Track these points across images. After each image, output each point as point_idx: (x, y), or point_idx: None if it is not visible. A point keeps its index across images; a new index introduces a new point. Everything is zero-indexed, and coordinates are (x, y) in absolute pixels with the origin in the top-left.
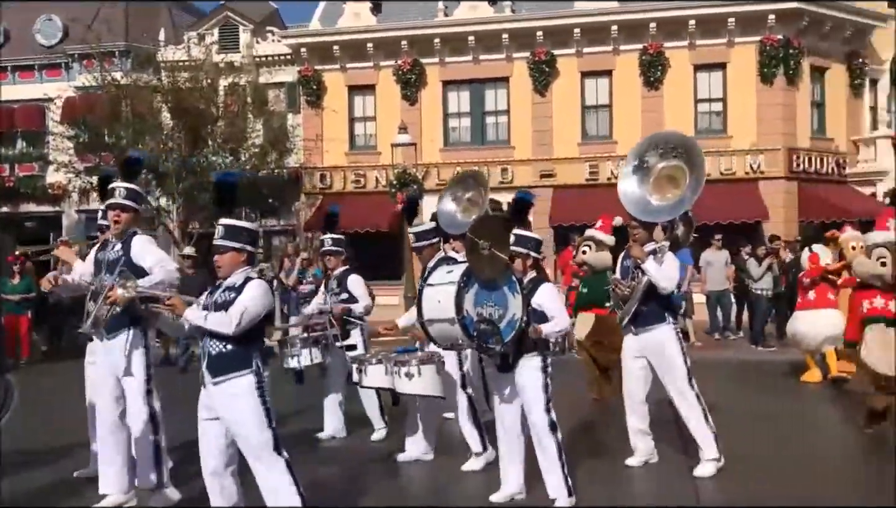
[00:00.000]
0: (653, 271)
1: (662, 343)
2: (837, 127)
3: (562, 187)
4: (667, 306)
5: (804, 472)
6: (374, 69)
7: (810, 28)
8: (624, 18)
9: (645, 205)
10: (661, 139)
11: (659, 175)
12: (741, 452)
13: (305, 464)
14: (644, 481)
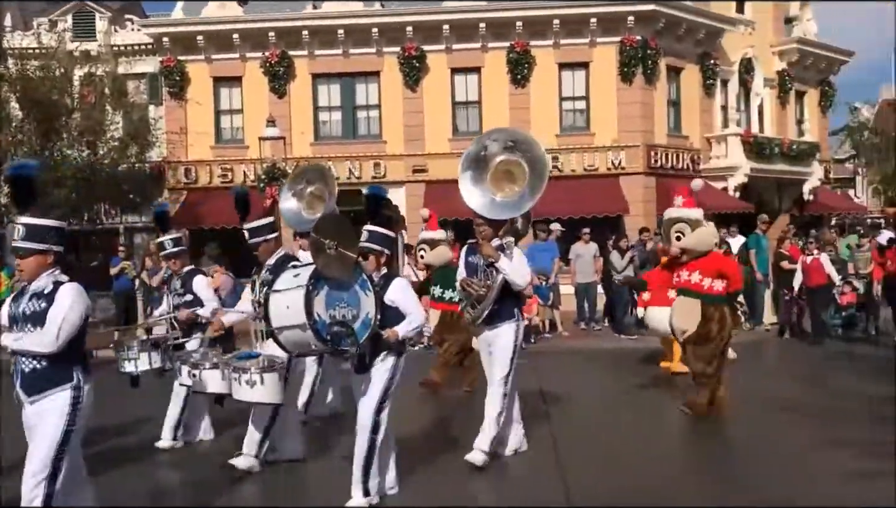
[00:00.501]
0: (508, 270)
1: (502, 339)
2: (692, 125)
3: (434, 183)
4: (517, 303)
5: (646, 458)
6: (241, 61)
7: (666, 30)
8: (491, 16)
9: (490, 202)
10: (499, 134)
11: (496, 170)
12: (608, 439)
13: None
14: (514, 471)
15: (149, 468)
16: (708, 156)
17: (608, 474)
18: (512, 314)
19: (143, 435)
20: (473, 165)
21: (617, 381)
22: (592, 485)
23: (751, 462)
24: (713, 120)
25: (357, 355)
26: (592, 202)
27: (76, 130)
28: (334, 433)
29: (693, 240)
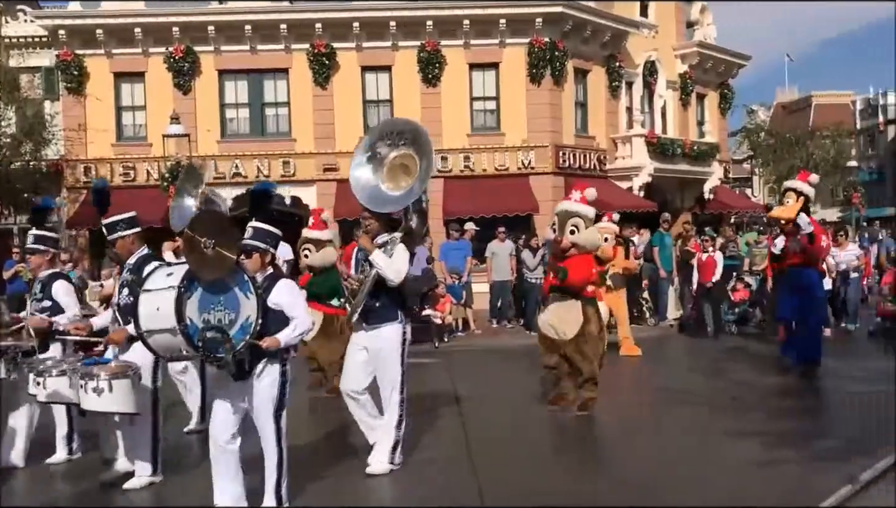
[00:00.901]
0: (381, 263)
1: (385, 342)
2: (598, 126)
3: (345, 182)
4: (401, 303)
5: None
6: (144, 56)
7: (573, 32)
8: (401, 15)
9: (377, 195)
10: (390, 128)
11: (392, 164)
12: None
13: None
14: (427, 472)
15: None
16: (614, 156)
17: (522, 473)
18: (394, 316)
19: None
20: (369, 157)
21: (529, 378)
22: (506, 485)
23: (659, 455)
24: (618, 121)
25: (235, 362)
26: (503, 201)
27: None
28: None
29: (586, 237)
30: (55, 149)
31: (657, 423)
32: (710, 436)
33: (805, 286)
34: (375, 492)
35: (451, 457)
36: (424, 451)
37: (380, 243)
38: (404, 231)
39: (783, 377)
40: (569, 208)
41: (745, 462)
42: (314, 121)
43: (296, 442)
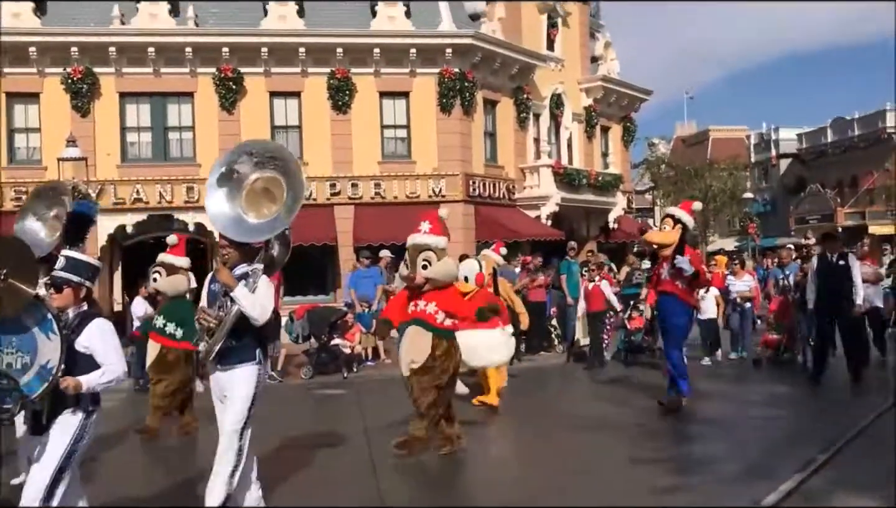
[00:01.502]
0: (244, 301)
1: (237, 382)
2: (507, 155)
3: None
4: (260, 342)
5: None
6: (39, 76)
7: (483, 63)
8: (311, 42)
9: (239, 223)
10: (258, 148)
11: (252, 188)
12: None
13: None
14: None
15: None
16: (522, 186)
17: (431, 501)
18: (252, 356)
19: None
20: (227, 180)
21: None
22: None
23: (562, 482)
24: (526, 151)
25: (31, 412)
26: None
27: None
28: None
29: (439, 270)
30: None
31: (559, 450)
32: (613, 463)
33: (664, 316)
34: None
35: (358, 482)
36: (332, 485)
37: (238, 274)
38: (265, 262)
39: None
40: (418, 240)
41: (650, 489)
42: (220, 146)
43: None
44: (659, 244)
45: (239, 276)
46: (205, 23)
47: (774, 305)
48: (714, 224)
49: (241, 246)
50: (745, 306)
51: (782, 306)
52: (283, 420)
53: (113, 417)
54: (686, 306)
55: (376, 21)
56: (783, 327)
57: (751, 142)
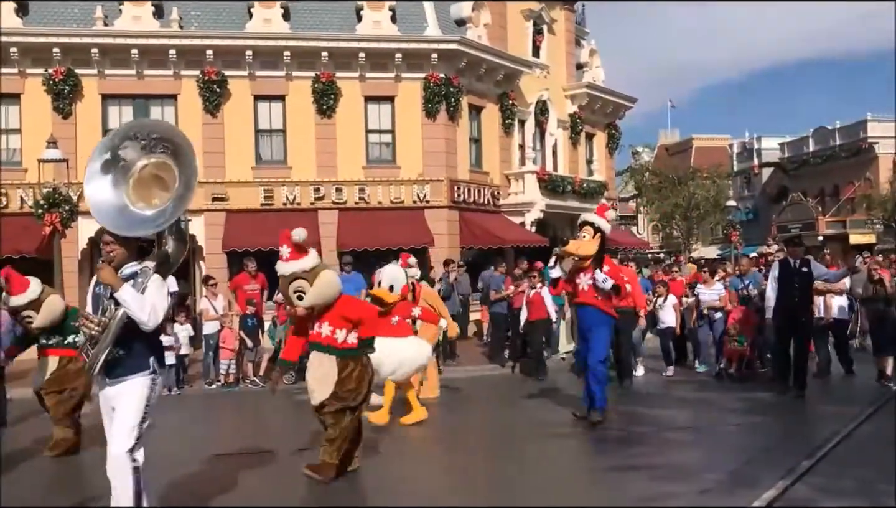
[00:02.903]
0: (131, 303)
1: (126, 395)
2: (492, 162)
3: (236, 211)
4: (153, 349)
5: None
6: (20, 77)
7: (468, 69)
8: (296, 45)
9: (123, 214)
10: (143, 129)
11: (141, 175)
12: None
13: None
14: None
15: None
16: (507, 192)
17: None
18: (144, 365)
19: None
20: (111, 167)
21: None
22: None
23: (547, 490)
24: (511, 158)
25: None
26: (399, 234)
27: None
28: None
29: (314, 296)
30: None
31: (537, 456)
32: (595, 472)
33: (586, 327)
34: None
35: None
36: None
37: (126, 274)
38: (159, 260)
39: (663, 411)
40: (284, 271)
41: (632, 498)
42: (203, 149)
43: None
44: (581, 256)
45: (127, 276)
46: (189, 25)
47: (736, 314)
48: (697, 232)
49: (127, 242)
50: (714, 315)
51: (744, 316)
52: (267, 425)
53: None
54: (607, 315)
55: (362, 25)
56: (745, 338)
57: (734, 151)
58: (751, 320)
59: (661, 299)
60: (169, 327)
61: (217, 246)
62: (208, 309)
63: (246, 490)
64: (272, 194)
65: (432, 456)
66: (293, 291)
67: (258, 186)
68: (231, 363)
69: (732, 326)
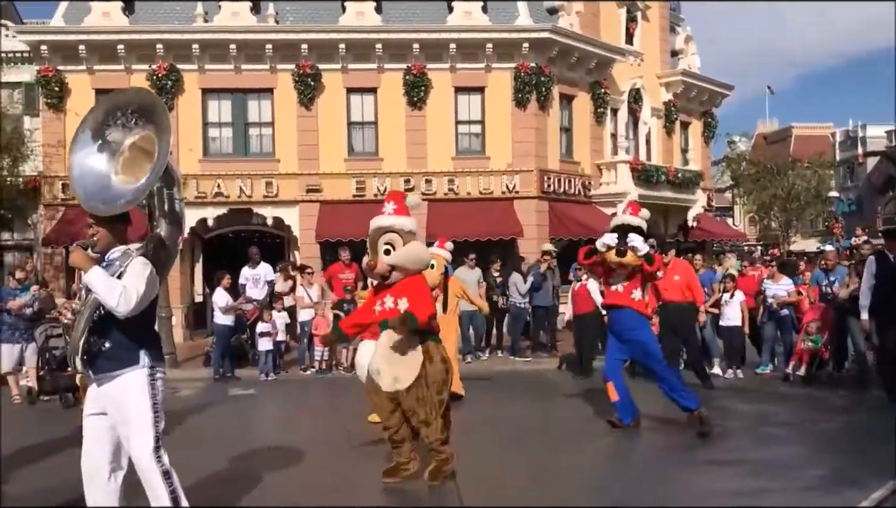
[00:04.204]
0: (97, 285)
1: (124, 394)
2: (583, 151)
3: (329, 203)
4: (143, 341)
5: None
6: (126, 72)
7: (559, 58)
8: (388, 38)
9: (102, 191)
10: (116, 103)
11: (131, 153)
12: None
13: None
14: None
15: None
16: (598, 182)
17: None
18: (133, 359)
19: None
20: (101, 145)
21: (534, 404)
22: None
23: (638, 483)
24: (603, 147)
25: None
26: (488, 225)
27: None
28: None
29: (402, 255)
30: (33, 165)
31: (631, 450)
32: (692, 466)
33: (623, 331)
34: None
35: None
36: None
37: (112, 258)
38: (153, 243)
39: (758, 406)
40: (381, 222)
41: (732, 492)
42: (298, 141)
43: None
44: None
45: (111, 260)
46: (284, 20)
47: (814, 313)
48: (796, 224)
49: (113, 225)
50: (781, 313)
51: (823, 314)
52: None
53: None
54: (644, 317)
55: (453, 16)
56: (820, 338)
57: (836, 139)
58: (829, 318)
59: (727, 295)
60: (267, 314)
61: (311, 236)
62: (303, 297)
63: (340, 477)
64: (364, 186)
65: (517, 450)
66: (383, 242)
67: (350, 177)
68: (325, 350)
69: (810, 323)
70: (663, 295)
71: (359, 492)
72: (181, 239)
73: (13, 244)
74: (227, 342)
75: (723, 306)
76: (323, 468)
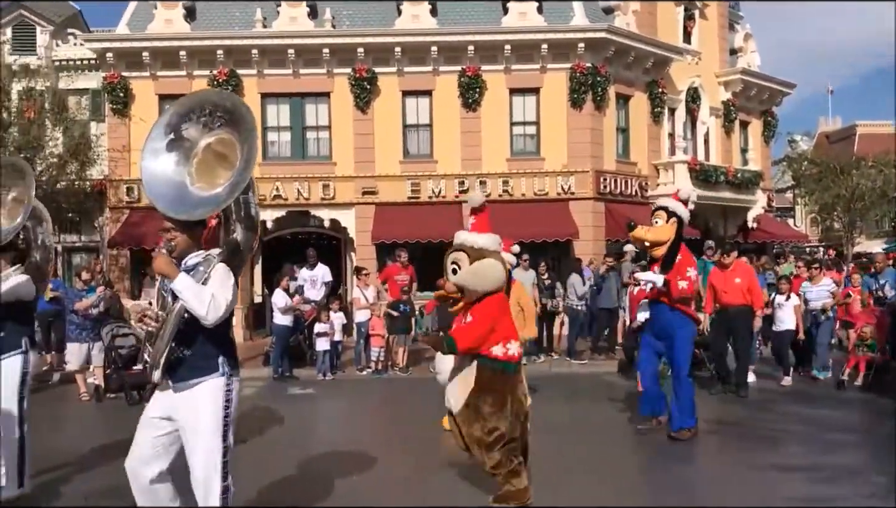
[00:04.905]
0: (186, 292)
1: (198, 405)
2: (640, 151)
3: (384, 205)
4: (224, 349)
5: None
6: (188, 78)
7: (616, 57)
8: (443, 40)
9: (182, 196)
10: (199, 102)
11: (205, 156)
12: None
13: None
14: None
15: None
16: (655, 183)
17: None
18: (212, 366)
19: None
20: (173, 143)
21: (592, 406)
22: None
23: (702, 488)
24: (661, 147)
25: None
26: (543, 226)
27: (13, 145)
28: None
29: (467, 275)
30: (99, 169)
31: (691, 452)
32: (754, 470)
33: (664, 328)
34: None
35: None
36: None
37: (190, 264)
38: (229, 248)
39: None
40: (455, 238)
41: (798, 499)
42: (354, 145)
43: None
44: (651, 242)
45: (190, 267)
46: (341, 24)
47: (867, 317)
48: (861, 225)
49: (191, 230)
50: (819, 317)
51: (879, 320)
52: (418, 411)
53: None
54: (688, 317)
55: (508, 17)
56: (876, 345)
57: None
58: (885, 324)
59: (782, 298)
60: (324, 314)
61: (367, 238)
62: (359, 298)
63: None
64: (419, 188)
65: (577, 451)
66: (451, 262)
67: (405, 179)
68: (381, 351)
69: (863, 329)
70: (722, 298)
71: (416, 491)
72: (256, 243)
73: (80, 246)
74: (287, 341)
75: (776, 310)
76: (380, 467)
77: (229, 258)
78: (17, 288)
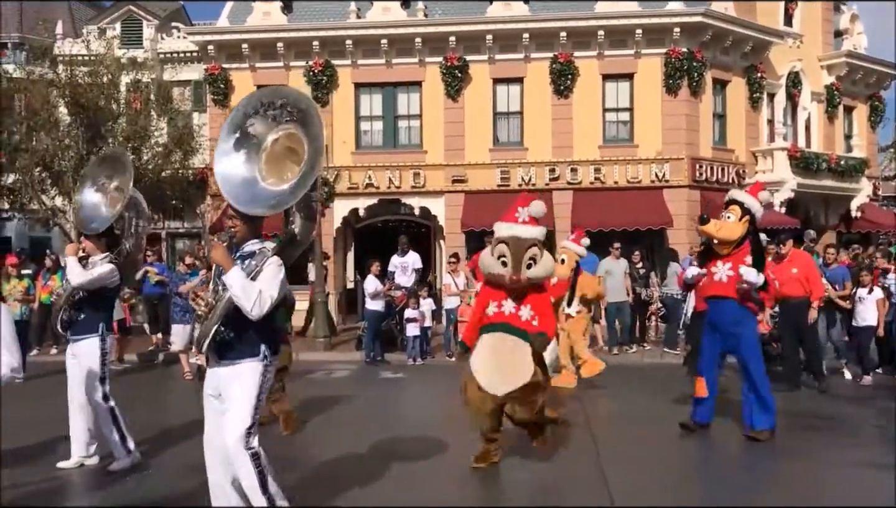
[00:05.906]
0: (235, 285)
1: (235, 381)
2: (737, 138)
3: (474, 193)
4: (266, 336)
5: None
6: (285, 69)
7: (713, 42)
8: (535, 27)
9: (250, 190)
10: (266, 98)
11: (273, 150)
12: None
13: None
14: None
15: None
16: (754, 170)
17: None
18: (254, 351)
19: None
20: (240, 140)
21: (664, 397)
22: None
23: (794, 484)
24: (759, 134)
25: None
26: (636, 214)
27: (122, 135)
28: None
29: (543, 268)
30: (201, 158)
31: (781, 449)
32: (851, 467)
33: (724, 324)
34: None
35: (579, 463)
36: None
37: (246, 252)
38: (285, 239)
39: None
40: (525, 235)
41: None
42: (445, 133)
43: None
44: (720, 240)
45: (246, 253)
46: (433, 14)
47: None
48: None
49: (252, 220)
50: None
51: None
52: None
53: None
54: (750, 311)
55: (601, 3)
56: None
57: None
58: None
59: (863, 291)
60: (414, 301)
61: (456, 226)
62: (450, 285)
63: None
64: (508, 176)
65: (659, 444)
66: (528, 257)
67: (495, 167)
68: None
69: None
70: (780, 289)
71: (504, 475)
72: (314, 233)
73: (183, 232)
74: (378, 326)
75: (857, 304)
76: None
77: (285, 247)
78: (103, 277)
